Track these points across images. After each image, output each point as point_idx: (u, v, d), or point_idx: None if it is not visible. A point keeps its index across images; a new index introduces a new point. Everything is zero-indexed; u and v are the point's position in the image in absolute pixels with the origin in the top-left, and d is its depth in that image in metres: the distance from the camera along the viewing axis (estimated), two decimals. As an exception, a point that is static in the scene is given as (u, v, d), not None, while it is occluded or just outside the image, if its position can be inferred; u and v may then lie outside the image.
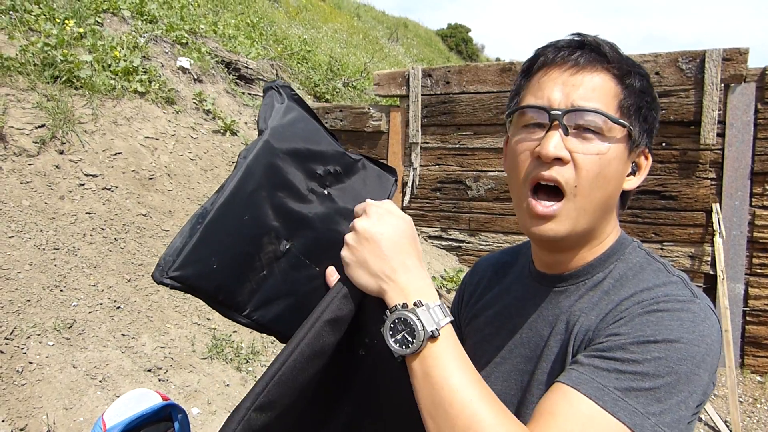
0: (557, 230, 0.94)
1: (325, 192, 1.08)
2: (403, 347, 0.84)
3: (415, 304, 0.85)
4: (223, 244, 0.95)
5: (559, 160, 0.91)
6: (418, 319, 0.83)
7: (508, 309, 1.12)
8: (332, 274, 1.07)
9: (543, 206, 0.94)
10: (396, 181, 1.22)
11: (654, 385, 0.80)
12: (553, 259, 1.04)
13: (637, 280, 0.94)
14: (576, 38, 0.97)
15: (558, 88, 0.93)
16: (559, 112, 0.91)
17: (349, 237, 0.92)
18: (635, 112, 0.95)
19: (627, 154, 0.96)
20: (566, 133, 0.91)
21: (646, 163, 1.01)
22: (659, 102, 1.01)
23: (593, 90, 0.92)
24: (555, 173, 0.92)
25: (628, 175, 0.99)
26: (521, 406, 1.03)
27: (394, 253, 0.89)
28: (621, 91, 0.94)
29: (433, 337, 0.83)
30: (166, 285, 0.91)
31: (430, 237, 7.04)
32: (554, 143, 0.91)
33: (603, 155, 0.92)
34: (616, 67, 0.94)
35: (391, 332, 0.85)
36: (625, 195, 1.02)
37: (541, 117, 0.94)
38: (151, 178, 4.93)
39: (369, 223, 0.90)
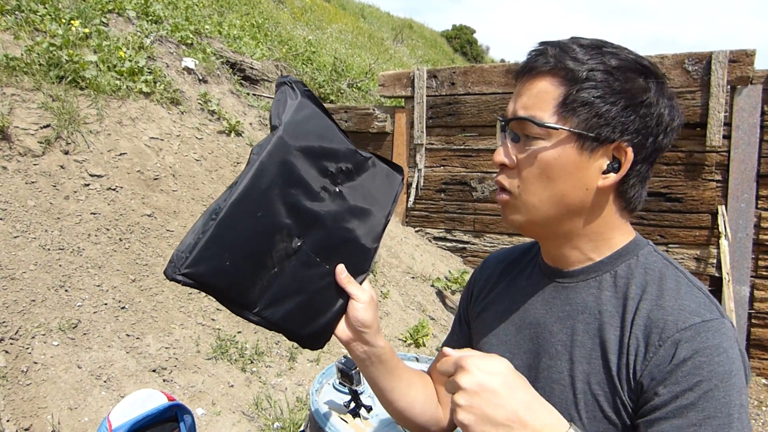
0: (510, 219, 1.02)
1: (337, 190, 1.08)
2: None
3: None
4: (236, 240, 0.95)
5: (504, 166, 1.01)
6: None
7: (517, 304, 1.12)
8: (342, 272, 1.07)
9: (498, 196, 1.03)
10: (402, 180, 1.22)
11: (731, 426, 0.84)
12: (554, 253, 1.06)
13: (661, 291, 0.94)
14: (540, 45, 1.00)
15: (513, 98, 1.01)
16: (503, 122, 1.01)
17: (459, 398, 0.86)
18: (581, 108, 0.93)
19: (579, 152, 0.94)
20: (516, 140, 0.99)
21: (625, 158, 0.96)
22: (639, 94, 0.95)
23: (534, 96, 0.97)
24: (501, 178, 1.02)
25: (605, 173, 0.96)
26: None
27: (511, 395, 0.85)
28: (563, 93, 0.94)
29: None
30: (179, 281, 0.91)
31: (435, 238, 7.03)
32: (499, 150, 1.02)
33: (541, 157, 0.96)
34: (562, 68, 0.95)
35: None
36: (623, 195, 0.99)
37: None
38: (155, 179, 4.93)
39: (475, 377, 0.86)
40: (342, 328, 1.10)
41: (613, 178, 0.96)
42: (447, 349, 0.94)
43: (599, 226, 1.00)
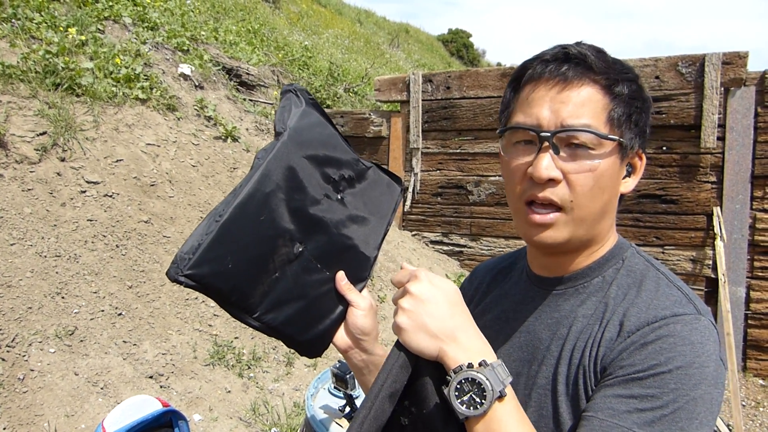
0: (556, 237, 0.96)
1: (339, 197, 1.09)
2: (471, 408, 0.83)
3: (480, 364, 0.85)
4: (238, 243, 0.95)
5: (551, 181, 0.93)
6: (487, 379, 0.83)
7: (507, 313, 1.12)
8: (342, 279, 1.08)
9: (540, 215, 0.95)
10: (402, 191, 1.23)
11: (675, 415, 0.82)
12: (552, 262, 1.05)
13: (639, 291, 0.94)
14: (561, 50, 0.96)
15: (547, 106, 0.93)
16: (549, 134, 0.92)
17: (404, 302, 0.91)
18: (626, 121, 0.95)
19: (620, 161, 0.96)
20: (557, 153, 0.92)
21: (640, 164, 1.01)
22: (651, 103, 1.01)
23: (582, 105, 0.92)
24: (549, 193, 0.93)
25: (624, 178, 1.00)
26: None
27: (452, 313, 0.90)
28: (610, 102, 0.94)
29: (500, 398, 0.84)
30: (181, 283, 0.91)
31: (432, 242, 7.04)
32: (545, 165, 0.92)
33: (597, 169, 0.93)
34: (604, 77, 0.94)
35: (456, 393, 0.84)
36: (622, 198, 1.03)
37: (531, 136, 0.95)
38: (152, 185, 4.94)
39: (424, 287, 0.91)
40: (341, 336, 1.10)
41: (631, 182, 1.01)
42: (405, 263, 0.98)
43: (606, 231, 1.02)
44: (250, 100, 7.65)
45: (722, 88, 5.35)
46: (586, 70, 0.94)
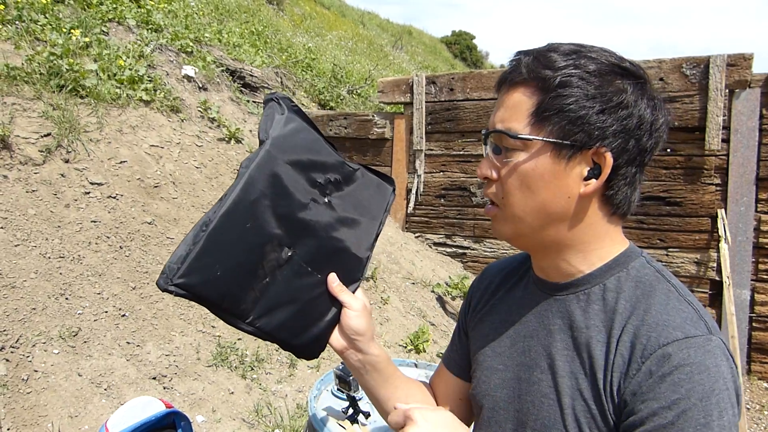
0: (498, 230, 1.03)
1: (326, 200, 1.10)
2: None
3: None
4: (226, 251, 0.97)
5: (489, 179, 1.00)
6: None
7: (512, 315, 1.11)
8: (333, 281, 1.09)
9: (486, 208, 1.03)
10: (394, 191, 1.24)
11: None
12: (544, 265, 1.05)
13: (648, 306, 0.92)
14: (517, 55, 0.99)
15: (494, 110, 1.01)
16: (484, 135, 1.01)
17: None
18: (555, 116, 0.92)
19: (556, 161, 0.93)
20: (498, 152, 0.98)
21: (605, 163, 0.93)
22: (626, 100, 0.92)
23: (510, 108, 0.96)
24: (487, 190, 1.01)
25: (586, 179, 0.94)
26: (519, 414, 1.02)
27: None
28: (535, 103, 0.93)
29: None
30: (171, 292, 0.93)
31: (435, 244, 7.04)
32: (482, 164, 1.01)
33: (519, 169, 0.95)
34: (536, 77, 0.93)
35: None
36: (610, 200, 0.97)
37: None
38: (156, 186, 4.95)
39: (421, 428, 0.91)
40: (336, 337, 1.12)
41: (594, 184, 0.94)
42: (397, 404, 1.00)
43: (586, 234, 0.98)
44: (254, 102, 7.66)
45: (727, 90, 5.33)
46: (519, 73, 0.96)
